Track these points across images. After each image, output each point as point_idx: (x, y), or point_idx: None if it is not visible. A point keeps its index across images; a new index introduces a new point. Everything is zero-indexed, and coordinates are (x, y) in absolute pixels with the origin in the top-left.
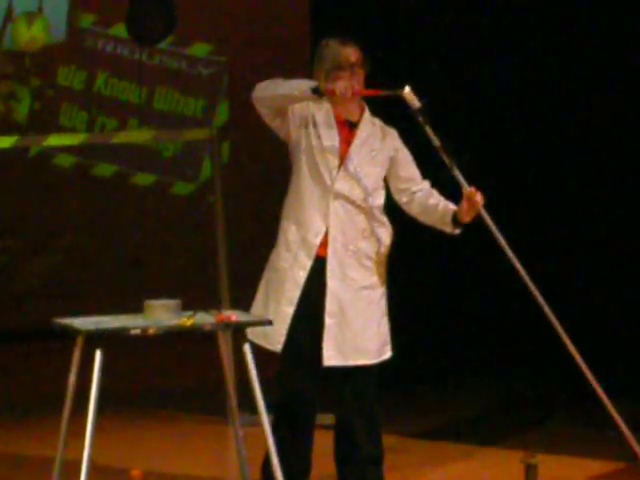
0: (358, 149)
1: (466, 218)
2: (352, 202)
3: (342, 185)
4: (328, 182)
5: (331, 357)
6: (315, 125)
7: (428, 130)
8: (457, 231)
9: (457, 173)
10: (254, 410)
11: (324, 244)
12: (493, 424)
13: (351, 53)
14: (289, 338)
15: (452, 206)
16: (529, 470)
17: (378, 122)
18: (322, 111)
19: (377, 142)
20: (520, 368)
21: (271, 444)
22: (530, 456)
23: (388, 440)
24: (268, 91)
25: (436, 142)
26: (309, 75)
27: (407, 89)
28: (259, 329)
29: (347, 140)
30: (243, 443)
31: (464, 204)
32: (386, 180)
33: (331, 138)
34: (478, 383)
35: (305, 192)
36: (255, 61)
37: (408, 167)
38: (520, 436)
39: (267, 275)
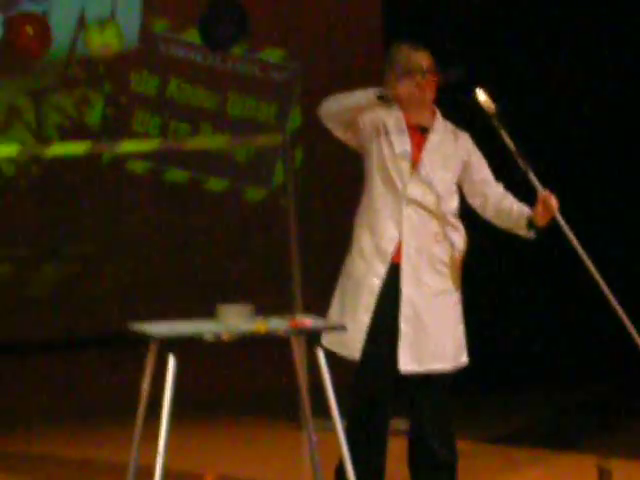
0: (430, 154)
1: (541, 222)
2: (425, 207)
3: (415, 190)
4: (400, 188)
5: (407, 363)
6: (387, 132)
7: (503, 134)
8: (532, 234)
9: (532, 176)
10: (328, 416)
11: (398, 250)
12: (567, 429)
13: (423, 58)
14: (366, 345)
15: (527, 209)
16: (603, 475)
17: (450, 126)
18: (392, 117)
19: (450, 146)
20: (595, 374)
21: (345, 450)
22: (604, 461)
23: (462, 445)
24: (334, 105)
25: (511, 146)
26: (381, 83)
27: (482, 93)
28: (335, 337)
29: (419, 145)
30: (316, 449)
31: (539, 207)
32: (459, 184)
33: (403, 144)
34: (551, 389)
35: (378, 199)
36: (328, 67)
37: (481, 170)
38: (594, 442)
39: (342, 283)
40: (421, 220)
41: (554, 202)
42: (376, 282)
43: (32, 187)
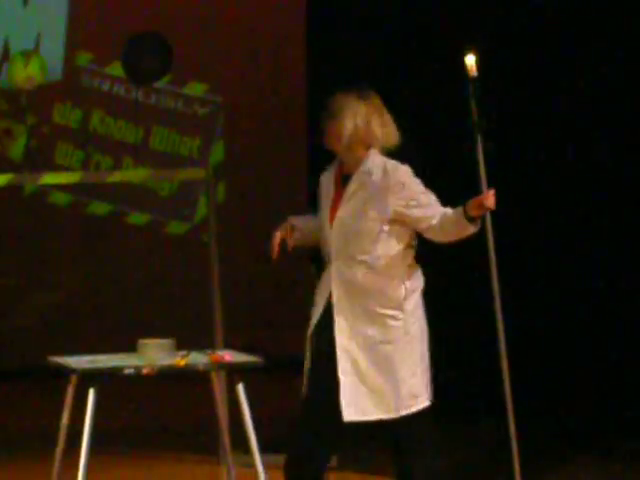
0: (346, 205)
1: (473, 211)
2: (350, 259)
3: (337, 244)
4: (327, 242)
5: (351, 414)
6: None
7: (472, 103)
8: (473, 228)
9: (481, 164)
10: (247, 450)
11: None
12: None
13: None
14: (310, 392)
15: (460, 208)
16: None
17: (379, 168)
18: (327, 175)
19: (371, 192)
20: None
21: None
22: None
23: None
24: None
25: (474, 118)
26: (301, 116)
27: (471, 56)
28: None
29: (340, 196)
30: None
31: (477, 199)
32: (408, 224)
33: (327, 200)
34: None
35: (322, 255)
36: (250, 101)
37: (420, 207)
38: None
39: None
40: (349, 272)
41: (491, 202)
42: (309, 334)
43: None
